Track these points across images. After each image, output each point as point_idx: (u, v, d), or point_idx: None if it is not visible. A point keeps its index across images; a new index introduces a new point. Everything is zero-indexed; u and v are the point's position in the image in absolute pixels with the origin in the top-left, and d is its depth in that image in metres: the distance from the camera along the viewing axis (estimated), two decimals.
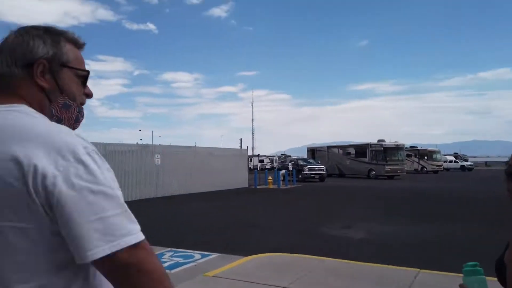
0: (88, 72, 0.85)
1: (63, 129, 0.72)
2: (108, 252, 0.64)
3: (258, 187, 20.46)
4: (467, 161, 56.37)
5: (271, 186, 20.35)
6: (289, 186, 20.72)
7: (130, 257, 0.66)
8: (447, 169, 45.98)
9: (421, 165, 42.40)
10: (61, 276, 0.68)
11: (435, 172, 41.37)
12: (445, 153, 53.48)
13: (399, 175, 29.33)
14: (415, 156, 42.20)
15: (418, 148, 43.84)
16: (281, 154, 68.00)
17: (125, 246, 0.66)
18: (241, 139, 27.19)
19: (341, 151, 33.35)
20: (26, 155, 0.64)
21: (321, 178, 25.71)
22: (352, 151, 32.09)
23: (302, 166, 26.15)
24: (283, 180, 20.93)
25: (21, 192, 0.64)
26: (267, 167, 43.98)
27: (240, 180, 20.16)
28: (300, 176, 25.42)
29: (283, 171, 21.79)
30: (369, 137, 37.78)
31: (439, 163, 42.98)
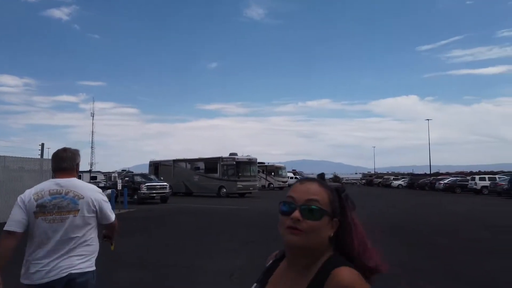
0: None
1: (91, 184, 2.73)
2: (113, 219, 2.63)
3: None
4: None
5: None
6: (116, 212, 15.07)
7: (115, 221, 2.67)
8: (289, 186, 46.96)
9: (268, 181, 41.74)
10: (95, 229, 2.57)
11: (281, 188, 41.19)
12: None
13: (251, 193, 26.82)
14: (263, 172, 41.26)
15: (266, 164, 43.15)
16: (123, 170, 57.96)
17: (114, 218, 2.66)
18: (42, 144, 19.63)
19: (189, 166, 29.09)
20: (90, 194, 2.52)
21: (163, 199, 20.84)
22: (202, 165, 28.17)
23: (139, 183, 20.72)
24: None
25: (92, 205, 2.50)
26: (100, 185, 35.98)
27: None
28: (136, 197, 20.00)
29: (109, 191, 15.92)
30: (219, 154, 36.49)
31: (285, 179, 43.19)
